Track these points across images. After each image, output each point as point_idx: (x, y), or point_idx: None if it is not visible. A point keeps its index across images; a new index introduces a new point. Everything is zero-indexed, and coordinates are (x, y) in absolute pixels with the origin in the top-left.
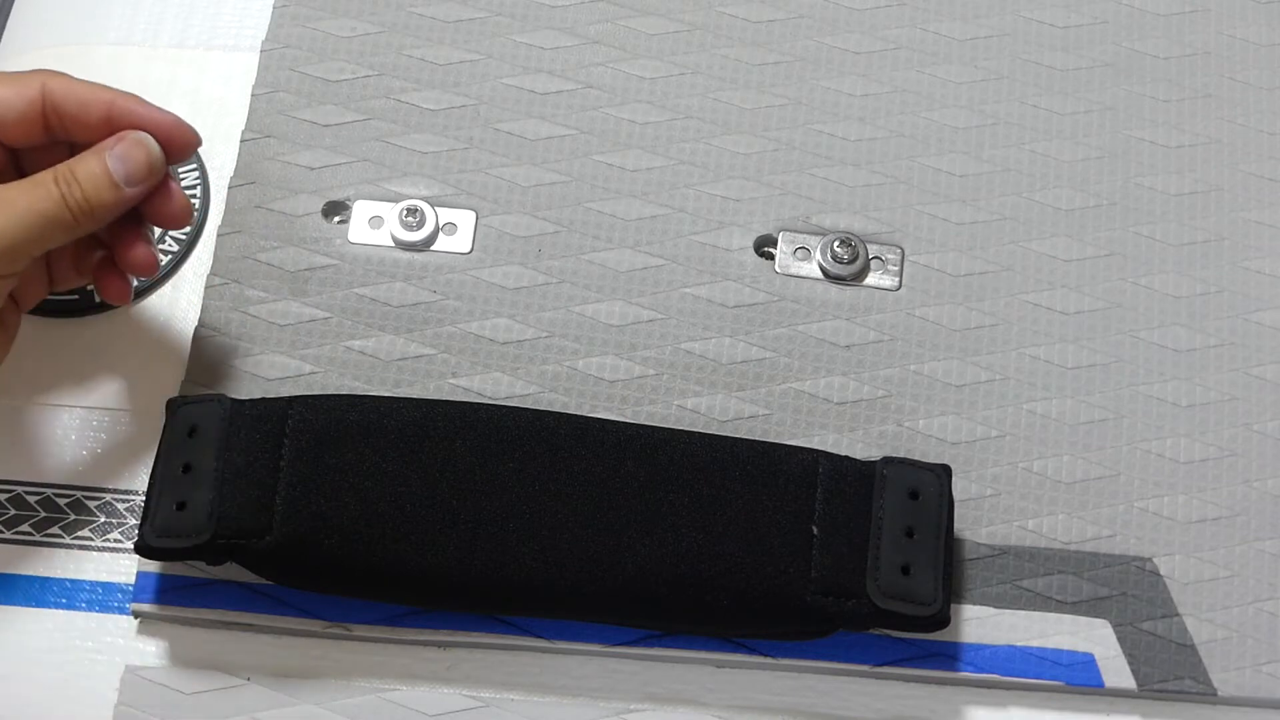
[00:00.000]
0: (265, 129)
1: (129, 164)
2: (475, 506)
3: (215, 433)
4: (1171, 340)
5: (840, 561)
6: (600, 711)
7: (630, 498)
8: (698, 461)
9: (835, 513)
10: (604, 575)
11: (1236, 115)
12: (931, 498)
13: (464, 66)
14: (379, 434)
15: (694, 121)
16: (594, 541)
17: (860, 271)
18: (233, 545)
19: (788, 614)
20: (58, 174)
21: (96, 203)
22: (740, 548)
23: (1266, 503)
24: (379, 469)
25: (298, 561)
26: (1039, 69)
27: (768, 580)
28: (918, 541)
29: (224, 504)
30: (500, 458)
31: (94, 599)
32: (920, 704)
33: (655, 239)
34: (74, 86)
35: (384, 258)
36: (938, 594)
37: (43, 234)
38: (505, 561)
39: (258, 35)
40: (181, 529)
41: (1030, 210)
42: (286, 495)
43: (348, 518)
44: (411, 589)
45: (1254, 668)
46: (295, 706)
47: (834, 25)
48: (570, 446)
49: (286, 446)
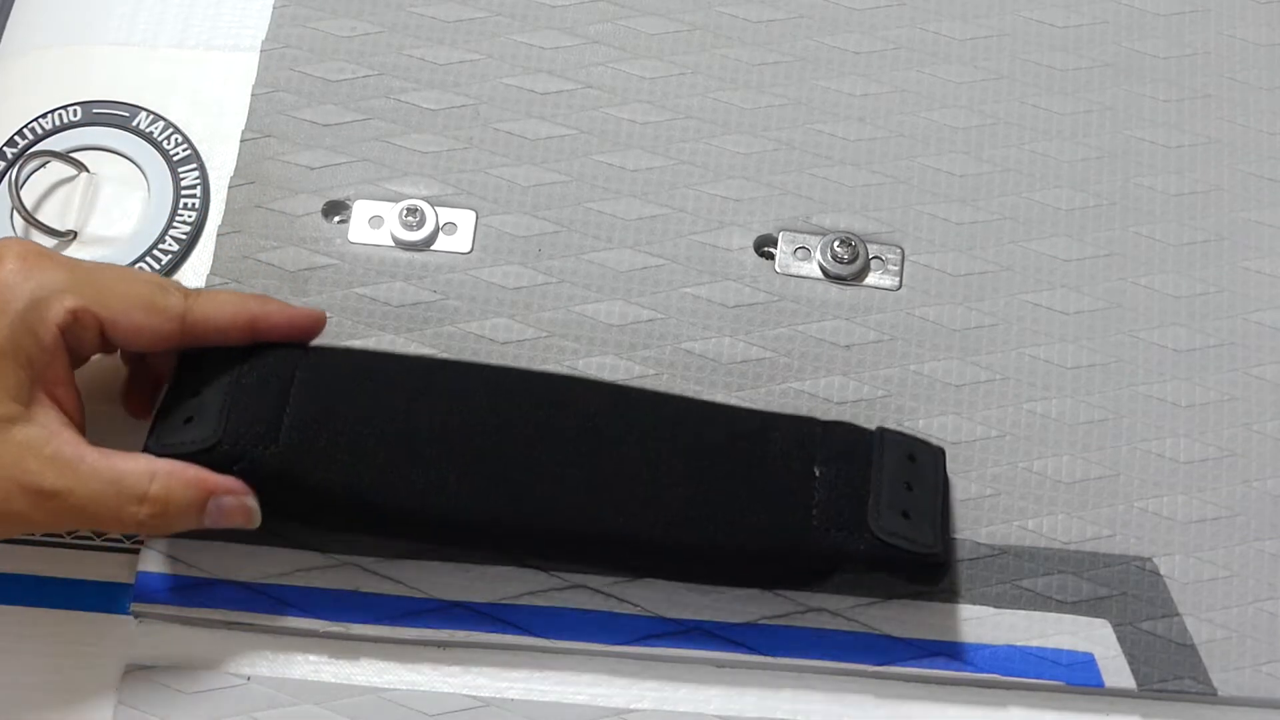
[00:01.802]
0: (265, 129)
1: (223, 519)
2: (480, 446)
3: (228, 364)
4: (1171, 340)
5: (842, 499)
6: (600, 711)
7: (634, 445)
8: (701, 419)
9: (837, 459)
10: (606, 517)
11: (1236, 115)
12: (928, 465)
13: (464, 66)
14: (390, 376)
15: (694, 121)
16: (597, 485)
17: (860, 271)
18: (239, 452)
19: (789, 549)
20: (150, 498)
21: (167, 529)
22: (744, 488)
23: (1266, 503)
24: (389, 405)
25: (301, 478)
26: (1039, 69)
27: (768, 513)
28: (916, 495)
29: (232, 413)
30: (507, 403)
31: (94, 599)
32: (920, 704)
33: (655, 239)
34: (212, 316)
35: (384, 257)
36: (938, 540)
37: (93, 524)
38: (506, 500)
39: (258, 35)
40: (188, 437)
41: (1030, 210)
42: (296, 414)
43: (354, 442)
44: (411, 522)
45: (1254, 668)
46: (295, 706)
47: (834, 25)
48: (576, 398)
49: (298, 379)
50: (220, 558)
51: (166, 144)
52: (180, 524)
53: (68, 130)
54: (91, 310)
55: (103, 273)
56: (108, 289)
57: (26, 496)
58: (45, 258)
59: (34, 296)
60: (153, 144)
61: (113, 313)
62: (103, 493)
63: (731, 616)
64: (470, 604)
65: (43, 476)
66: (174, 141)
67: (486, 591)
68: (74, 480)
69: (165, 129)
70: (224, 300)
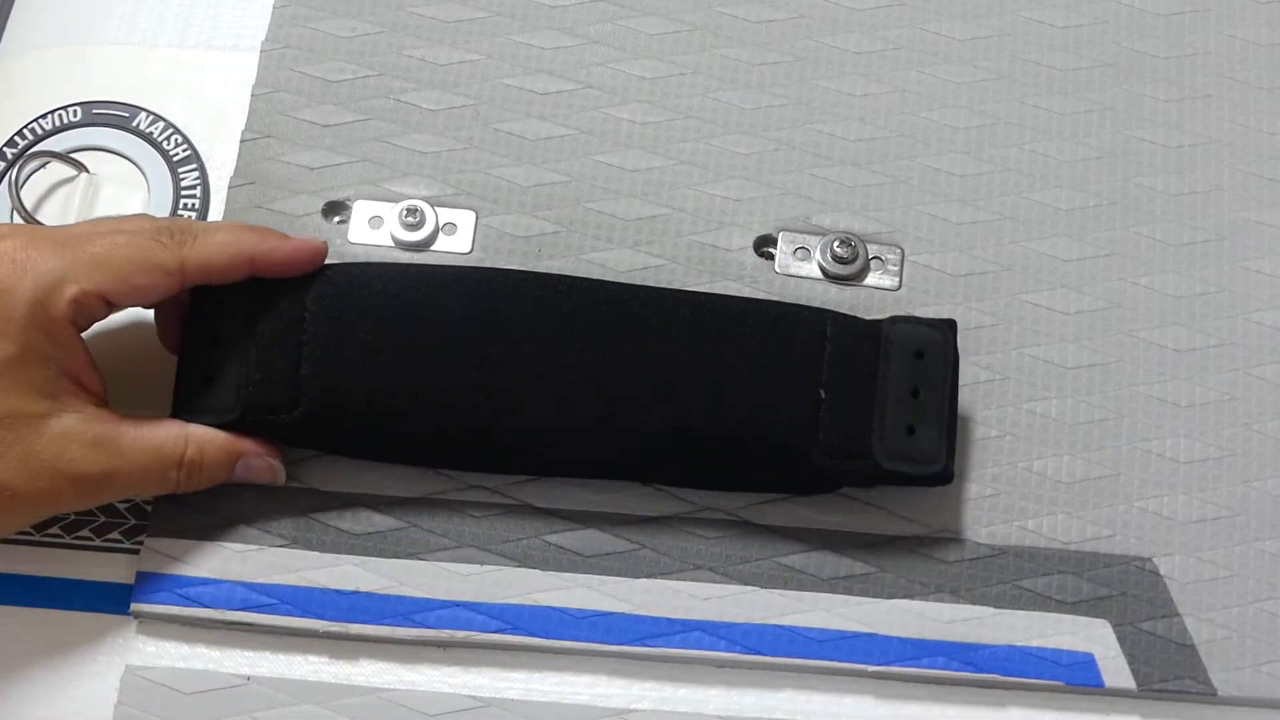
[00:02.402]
0: (265, 129)
1: (251, 477)
2: (491, 367)
3: (238, 307)
4: (1171, 340)
5: (846, 425)
6: (600, 712)
7: (641, 355)
8: (708, 320)
9: (842, 376)
10: (615, 429)
11: (1236, 115)
12: (936, 356)
13: (464, 66)
14: (395, 301)
15: (694, 121)
16: (606, 396)
17: (860, 271)
18: (260, 421)
19: (795, 474)
20: (187, 462)
21: (197, 487)
22: (748, 408)
23: (1266, 503)
24: (396, 337)
25: (324, 432)
26: (1039, 69)
27: (776, 442)
28: (923, 400)
29: (250, 383)
30: (512, 320)
31: (94, 599)
32: (920, 704)
33: (655, 239)
34: (212, 261)
35: (384, 257)
36: (941, 453)
37: (132, 493)
38: (520, 418)
39: (258, 35)
40: (212, 406)
41: (1030, 210)
42: (311, 368)
43: (369, 386)
44: (432, 449)
45: (1254, 668)
46: (295, 706)
47: (834, 25)
48: (582, 307)
49: (309, 318)
50: (220, 558)
51: (166, 144)
52: (210, 482)
53: (68, 130)
54: (92, 291)
55: (94, 243)
56: (103, 261)
57: (72, 484)
58: (34, 245)
59: (35, 295)
60: (153, 144)
61: (113, 283)
62: (144, 464)
63: (732, 616)
64: (470, 604)
65: (87, 462)
66: (174, 142)
67: (486, 592)
68: (118, 459)
69: (165, 129)
70: (223, 242)
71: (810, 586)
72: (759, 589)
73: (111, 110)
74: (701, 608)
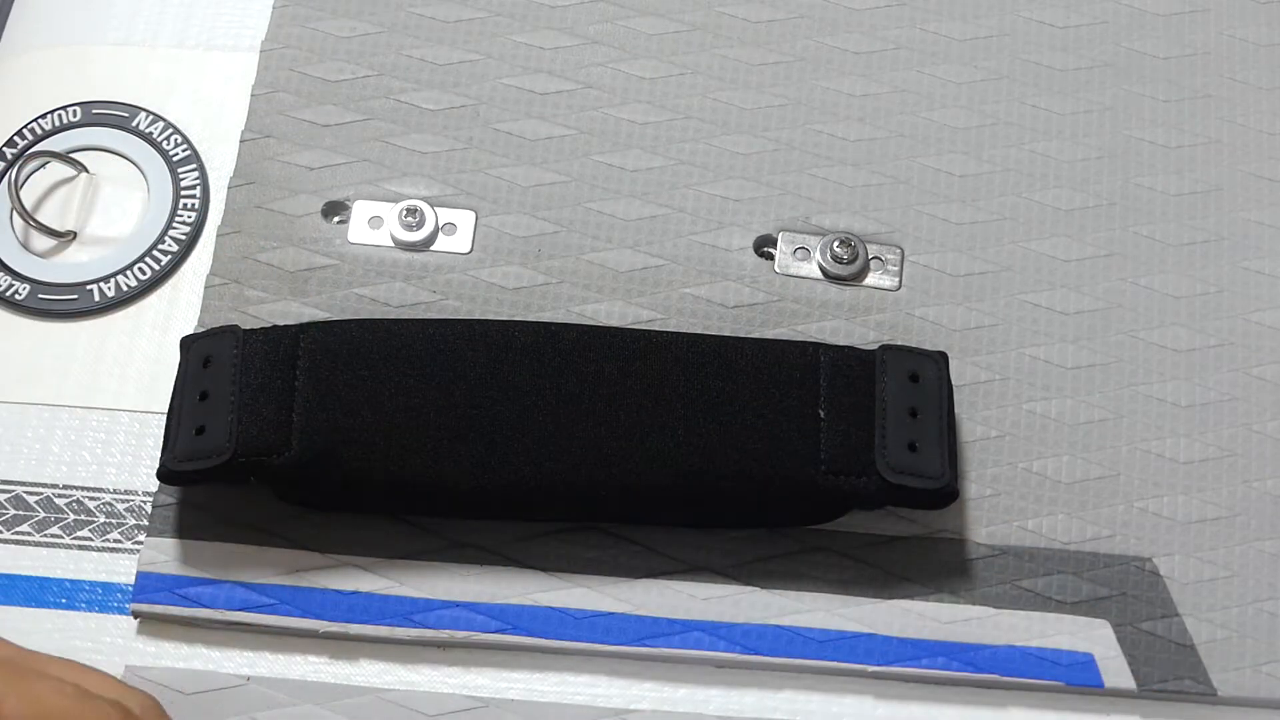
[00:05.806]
0: (265, 129)
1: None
2: (489, 414)
3: (230, 359)
4: (1171, 340)
5: (848, 441)
6: (600, 712)
7: (640, 397)
8: (704, 360)
9: (840, 396)
10: (617, 473)
11: (1236, 115)
12: (931, 380)
13: (464, 66)
14: (390, 350)
15: (694, 121)
16: (606, 441)
17: (860, 271)
18: (253, 463)
19: (799, 497)
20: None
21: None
22: (750, 436)
23: (1266, 503)
24: (392, 383)
25: (318, 476)
26: (1039, 69)
27: (778, 465)
28: (921, 421)
29: (243, 423)
30: (510, 367)
31: (94, 599)
32: (920, 704)
33: (655, 239)
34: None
35: (384, 258)
36: (945, 469)
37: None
38: (520, 466)
39: (258, 35)
40: (202, 452)
41: (1030, 210)
42: (304, 412)
43: (364, 430)
44: (429, 498)
45: (1254, 668)
46: (295, 706)
47: (834, 25)
48: (579, 353)
49: (300, 367)
50: (220, 558)
51: (166, 144)
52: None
53: (67, 130)
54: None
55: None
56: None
57: None
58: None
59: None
60: (152, 144)
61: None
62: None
63: (732, 617)
64: (470, 604)
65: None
66: (174, 142)
67: (486, 592)
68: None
69: (165, 129)
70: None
71: (810, 586)
72: (759, 589)
73: (111, 110)
74: (701, 608)
